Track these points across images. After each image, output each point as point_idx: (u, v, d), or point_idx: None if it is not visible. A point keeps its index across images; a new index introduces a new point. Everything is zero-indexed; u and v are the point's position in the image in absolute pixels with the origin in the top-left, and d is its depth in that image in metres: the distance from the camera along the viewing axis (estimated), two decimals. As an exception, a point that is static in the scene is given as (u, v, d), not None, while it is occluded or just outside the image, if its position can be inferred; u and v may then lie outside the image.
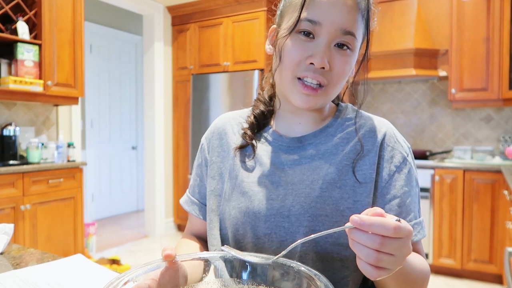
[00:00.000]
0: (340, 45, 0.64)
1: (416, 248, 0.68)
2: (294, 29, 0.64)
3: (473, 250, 2.80)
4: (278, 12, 0.73)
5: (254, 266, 0.56)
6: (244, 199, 0.72)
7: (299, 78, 0.65)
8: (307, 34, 0.63)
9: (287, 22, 0.66)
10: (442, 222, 2.89)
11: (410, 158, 0.71)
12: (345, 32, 0.62)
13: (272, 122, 0.78)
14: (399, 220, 0.44)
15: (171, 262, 0.53)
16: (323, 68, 0.63)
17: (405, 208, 0.67)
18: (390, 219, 0.44)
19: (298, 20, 0.63)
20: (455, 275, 2.93)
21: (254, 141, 0.76)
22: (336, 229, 0.48)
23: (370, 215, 0.45)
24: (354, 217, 0.44)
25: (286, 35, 0.65)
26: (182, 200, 0.85)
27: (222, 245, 0.74)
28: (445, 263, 2.88)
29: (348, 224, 0.46)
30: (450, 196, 2.87)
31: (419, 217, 0.69)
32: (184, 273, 0.55)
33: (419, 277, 0.62)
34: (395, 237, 0.43)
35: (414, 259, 0.62)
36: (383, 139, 0.70)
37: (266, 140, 0.76)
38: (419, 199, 0.71)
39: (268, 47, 0.74)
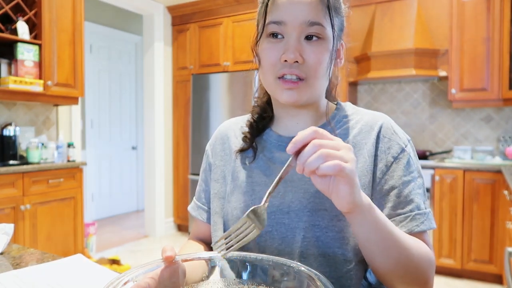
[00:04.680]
0: (310, 37, 0.66)
1: (421, 239, 0.66)
2: (262, 33, 0.69)
3: (473, 250, 2.80)
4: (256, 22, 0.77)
5: (254, 266, 0.56)
6: (245, 199, 0.73)
7: (280, 77, 0.67)
8: (276, 35, 0.67)
9: (259, 29, 0.72)
10: (442, 222, 2.89)
11: (409, 148, 0.71)
12: (310, 24, 0.65)
13: (271, 125, 0.80)
14: None
15: (171, 262, 0.54)
16: (297, 62, 0.65)
17: (404, 199, 0.66)
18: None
19: (264, 24, 0.68)
20: (455, 275, 2.93)
21: (254, 143, 0.77)
22: (284, 170, 0.54)
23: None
24: (288, 146, 0.51)
25: (259, 41, 0.71)
26: (190, 207, 0.88)
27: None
28: (445, 263, 2.88)
29: (290, 160, 0.53)
30: (450, 196, 2.87)
31: (424, 208, 0.67)
32: (183, 271, 0.56)
33: (411, 253, 0.60)
34: (321, 137, 0.51)
35: (400, 231, 0.60)
36: (380, 131, 0.71)
37: (266, 141, 0.78)
38: (424, 190, 0.70)
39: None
